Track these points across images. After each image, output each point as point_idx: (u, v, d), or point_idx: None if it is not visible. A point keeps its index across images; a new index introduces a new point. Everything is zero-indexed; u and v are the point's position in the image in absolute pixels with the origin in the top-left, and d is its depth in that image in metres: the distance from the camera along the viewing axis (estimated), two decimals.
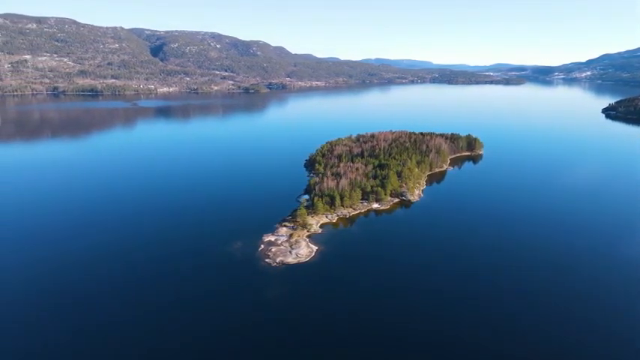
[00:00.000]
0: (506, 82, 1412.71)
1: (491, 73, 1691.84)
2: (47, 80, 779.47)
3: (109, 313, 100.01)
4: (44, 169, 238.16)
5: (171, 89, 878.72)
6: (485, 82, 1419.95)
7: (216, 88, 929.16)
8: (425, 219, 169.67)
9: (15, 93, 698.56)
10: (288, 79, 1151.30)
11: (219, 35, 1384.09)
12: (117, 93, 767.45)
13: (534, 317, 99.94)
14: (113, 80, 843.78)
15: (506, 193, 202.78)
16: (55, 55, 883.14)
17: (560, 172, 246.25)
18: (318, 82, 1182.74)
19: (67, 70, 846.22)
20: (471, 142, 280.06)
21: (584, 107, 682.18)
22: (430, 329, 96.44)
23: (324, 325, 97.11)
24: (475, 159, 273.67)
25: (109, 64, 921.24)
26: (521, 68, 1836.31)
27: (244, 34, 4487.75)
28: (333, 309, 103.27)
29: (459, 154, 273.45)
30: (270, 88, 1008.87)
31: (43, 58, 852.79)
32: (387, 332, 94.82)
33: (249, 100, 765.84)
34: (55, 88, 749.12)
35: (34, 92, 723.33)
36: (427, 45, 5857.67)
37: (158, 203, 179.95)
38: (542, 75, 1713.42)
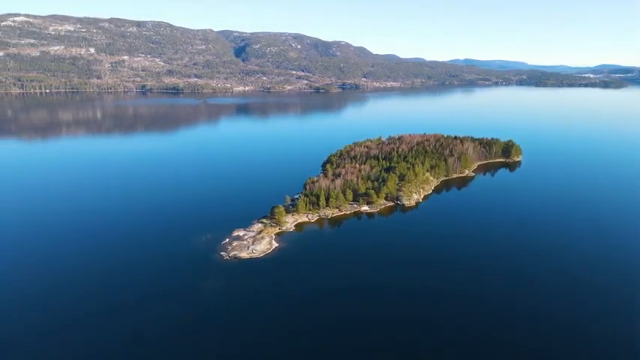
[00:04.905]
0: (605, 84, 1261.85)
1: (591, 75, 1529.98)
2: (139, 79, 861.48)
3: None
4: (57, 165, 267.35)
5: (246, 88, 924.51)
6: (580, 85, 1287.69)
7: (289, 87, 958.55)
8: (411, 225, 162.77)
9: (109, 90, 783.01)
10: (363, 79, 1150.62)
11: (302, 36, 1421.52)
12: (196, 91, 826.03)
13: None
14: (195, 79, 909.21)
15: (521, 207, 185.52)
16: (149, 56, 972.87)
17: (601, 190, 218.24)
18: (394, 83, 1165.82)
19: (157, 69, 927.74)
20: (508, 148, 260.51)
21: None
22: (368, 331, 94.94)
23: (240, 322, 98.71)
24: (511, 166, 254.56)
25: (194, 64, 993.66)
26: (628, 70, 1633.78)
27: (328, 35, 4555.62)
28: (261, 306, 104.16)
29: (490, 160, 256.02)
30: (343, 88, 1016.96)
31: (138, 59, 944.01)
32: (312, 332, 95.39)
33: (316, 99, 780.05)
34: (144, 86, 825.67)
35: (126, 90, 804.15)
36: (523, 45, 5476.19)
37: (166, 196, 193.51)
38: None
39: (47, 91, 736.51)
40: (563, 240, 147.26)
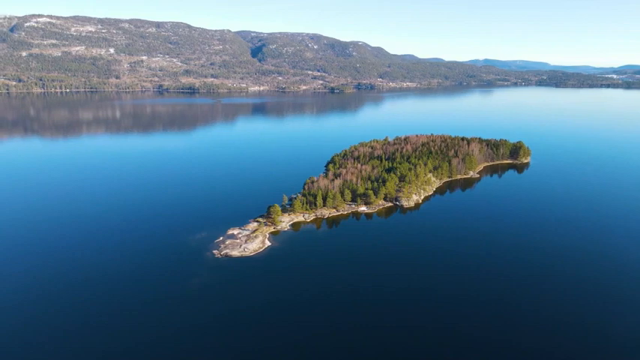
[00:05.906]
0: (628, 85, 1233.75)
1: (614, 76, 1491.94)
2: (156, 79, 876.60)
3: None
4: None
5: (261, 88, 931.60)
6: (601, 86, 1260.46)
7: (304, 87, 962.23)
8: (409, 226, 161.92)
9: (127, 89, 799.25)
10: (379, 79, 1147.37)
11: (319, 36, 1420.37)
12: (212, 91, 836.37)
13: None
14: (212, 79, 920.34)
15: (523, 208, 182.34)
16: (167, 56, 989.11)
17: (610, 193, 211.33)
18: (410, 84, 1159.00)
19: (175, 69, 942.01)
20: (516, 150, 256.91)
21: None
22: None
23: (219, 319, 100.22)
24: (519, 168, 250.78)
25: (211, 64, 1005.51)
26: None
27: (346, 35, 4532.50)
28: (246, 304, 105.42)
29: (497, 162, 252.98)
30: (358, 89, 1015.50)
31: (157, 59, 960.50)
32: (280, 334, 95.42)
33: (329, 99, 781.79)
34: (161, 86, 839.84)
35: (143, 89, 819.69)
36: (545, 45, 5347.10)
37: (167, 194, 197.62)
38: None
39: (67, 90, 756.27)
40: (566, 242, 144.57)
